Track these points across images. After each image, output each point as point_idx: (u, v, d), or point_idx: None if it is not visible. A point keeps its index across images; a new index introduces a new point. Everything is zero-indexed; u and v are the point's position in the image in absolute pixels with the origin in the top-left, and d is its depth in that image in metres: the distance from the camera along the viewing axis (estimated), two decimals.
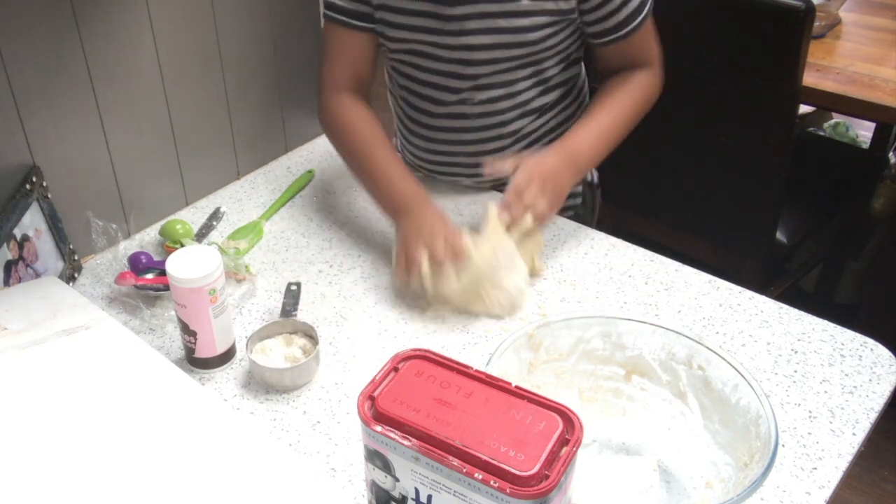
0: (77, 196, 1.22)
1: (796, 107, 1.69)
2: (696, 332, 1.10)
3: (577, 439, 0.64)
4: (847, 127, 2.55)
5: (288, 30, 1.45)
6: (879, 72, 1.86)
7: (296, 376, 1.02)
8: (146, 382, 0.94)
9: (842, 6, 2.16)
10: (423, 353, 0.71)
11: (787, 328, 1.11)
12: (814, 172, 2.04)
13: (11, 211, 1.10)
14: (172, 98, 1.30)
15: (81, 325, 1.00)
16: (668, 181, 1.90)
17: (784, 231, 1.89)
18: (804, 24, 1.52)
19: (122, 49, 1.21)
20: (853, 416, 0.98)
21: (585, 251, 1.27)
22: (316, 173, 1.48)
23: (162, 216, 1.36)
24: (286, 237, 1.32)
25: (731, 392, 0.87)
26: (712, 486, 0.86)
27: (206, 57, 1.33)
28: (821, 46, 1.98)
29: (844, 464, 0.92)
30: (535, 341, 0.93)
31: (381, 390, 0.68)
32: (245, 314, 1.15)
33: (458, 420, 0.65)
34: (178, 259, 0.99)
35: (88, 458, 0.83)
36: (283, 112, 1.51)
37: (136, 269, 1.18)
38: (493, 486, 0.60)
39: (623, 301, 1.17)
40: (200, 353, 1.03)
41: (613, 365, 0.96)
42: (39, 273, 1.15)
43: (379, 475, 0.68)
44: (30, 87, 1.11)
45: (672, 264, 1.24)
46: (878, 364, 1.05)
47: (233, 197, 1.43)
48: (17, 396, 0.90)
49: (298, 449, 0.95)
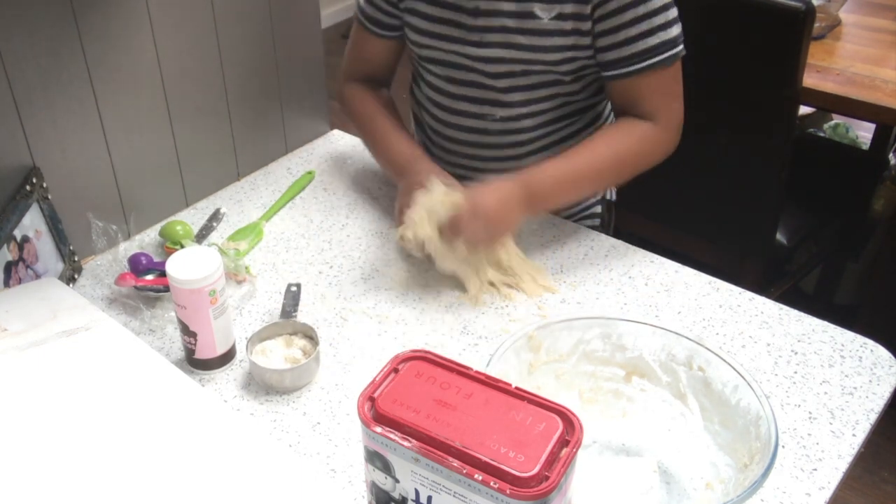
0: (77, 197, 1.22)
1: (796, 108, 1.69)
2: (696, 333, 1.10)
3: (577, 440, 0.64)
4: (847, 128, 2.55)
5: (288, 30, 1.45)
6: (879, 73, 1.86)
7: (296, 377, 1.02)
8: (146, 384, 0.94)
9: (842, 7, 2.16)
10: (423, 355, 0.71)
11: (787, 329, 1.11)
12: (814, 173, 2.04)
13: (11, 212, 1.10)
14: (172, 98, 1.30)
15: (81, 326, 1.00)
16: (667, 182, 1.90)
17: (784, 232, 1.89)
18: (804, 25, 1.52)
19: (122, 49, 1.21)
20: (853, 417, 0.98)
21: (585, 252, 1.27)
22: (316, 174, 1.48)
23: (162, 217, 1.36)
24: (286, 238, 1.32)
25: (732, 393, 0.87)
26: (712, 487, 0.86)
27: (206, 57, 1.33)
28: (821, 47, 1.98)
29: (844, 465, 0.92)
30: (535, 342, 0.93)
31: (381, 391, 0.68)
32: (245, 315, 1.15)
33: (458, 421, 0.65)
34: (179, 260, 0.99)
35: (89, 460, 0.83)
36: (283, 112, 1.51)
37: (137, 270, 1.17)
38: (493, 487, 0.60)
39: (623, 302, 1.17)
40: (200, 354, 1.03)
41: (613, 366, 0.96)
42: (39, 274, 1.15)
43: (379, 476, 0.68)
44: (30, 87, 1.11)
45: (672, 265, 1.24)
46: (878, 365, 1.05)
47: (233, 198, 1.43)
48: (17, 397, 0.90)
49: (298, 450, 0.95)
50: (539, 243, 1.29)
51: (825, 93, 1.80)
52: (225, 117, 1.41)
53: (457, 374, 0.69)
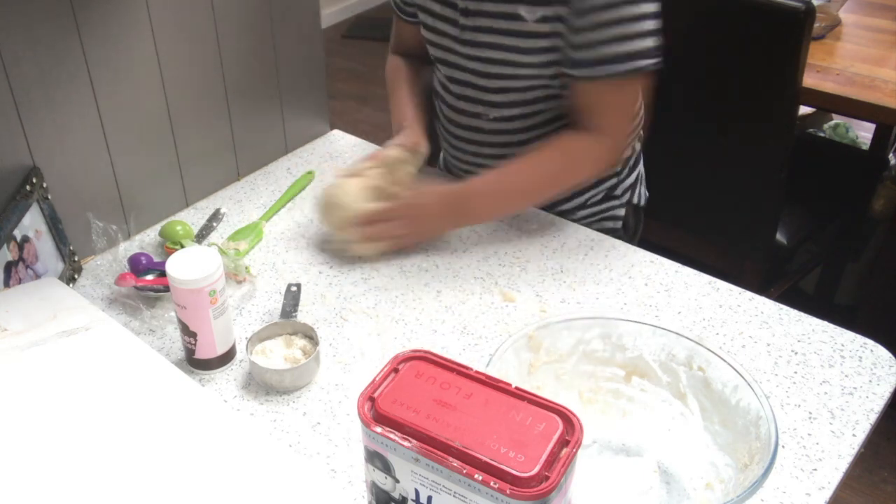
0: (77, 197, 1.22)
1: (796, 108, 1.69)
2: (696, 333, 1.10)
3: (577, 440, 0.64)
4: (847, 128, 2.55)
5: (288, 30, 1.45)
6: (879, 73, 1.86)
7: (296, 377, 1.02)
8: (146, 384, 0.94)
9: (842, 7, 2.16)
10: (423, 355, 0.71)
11: (787, 329, 1.11)
12: (814, 174, 2.04)
13: (11, 212, 1.10)
14: (172, 98, 1.30)
15: (81, 326, 1.00)
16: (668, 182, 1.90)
17: (784, 232, 1.89)
18: (804, 25, 1.52)
19: (122, 49, 1.21)
20: (853, 418, 0.98)
21: (585, 252, 1.27)
22: (316, 174, 1.48)
23: (162, 217, 1.36)
24: (286, 238, 1.32)
25: (731, 393, 0.87)
26: (712, 487, 0.86)
27: (206, 57, 1.33)
28: (821, 47, 1.98)
29: (844, 465, 0.92)
30: (535, 342, 0.93)
31: (381, 391, 0.68)
32: (245, 315, 1.15)
33: (458, 421, 0.65)
34: (179, 260, 0.99)
35: (89, 460, 0.83)
36: (283, 112, 1.51)
37: (137, 270, 1.18)
38: (494, 487, 0.60)
39: (623, 302, 1.17)
40: (200, 354, 1.03)
41: (613, 366, 0.96)
42: (39, 274, 1.15)
43: (379, 476, 0.68)
44: (30, 87, 1.11)
45: (672, 265, 1.24)
46: (878, 365, 1.05)
47: (233, 198, 1.43)
48: (17, 397, 0.90)
49: (298, 450, 0.95)
50: (539, 243, 1.29)
51: (825, 93, 1.80)
52: (225, 117, 1.41)
53: (457, 374, 0.69)
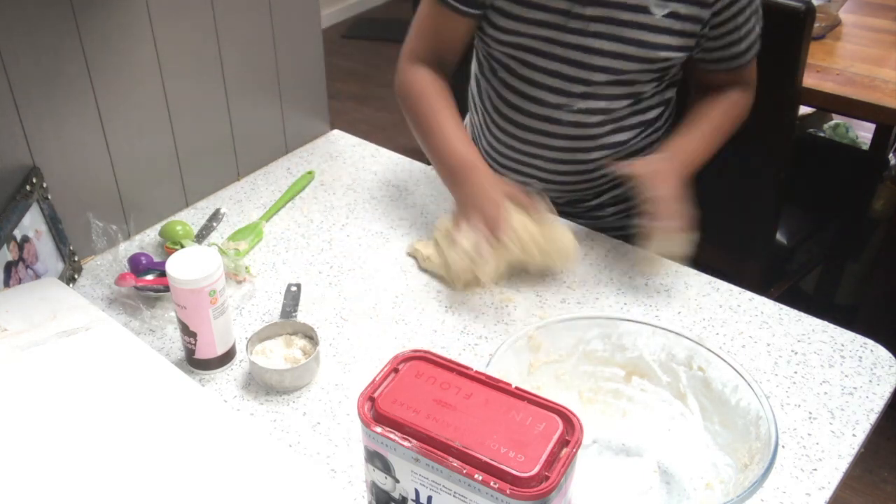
0: (77, 197, 1.22)
1: (796, 108, 1.69)
2: (696, 333, 1.10)
3: (576, 440, 0.64)
4: (847, 128, 2.55)
5: (288, 30, 1.45)
6: (879, 73, 1.86)
7: (296, 377, 1.02)
8: (146, 384, 0.94)
9: (842, 7, 2.16)
10: (423, 355, 0.71)
11: (787, 329, 1.11)
12: (814, 174, 2.04)
13: (11, 212, 1.10)
14: (172, 98, 1.30)
15: (81, 326, 1.00)
16: None
17: (784, 232, 1.89)
18: (804, 25, 1.51)
19: (122, 49, 1.21)
20: (853, 417, 0.98)
21: (585, 252, 1.27)
22: (316, 174, 1.48)
23: (162, 217, 1.36)
24: (286, 238, 1.32)
25: (731, 393, 0.87)
26: (712, 487, 0.86)
27: (206, 57, 1.33)
28: (821, 47, 1.97)
29: (844, 465, 0.92)
30: (534, 342, 0.93)
31: (381, 391, 0.68)
32: (245, 315, 1.15)
33: (458, 421, 0.65)
34: (179, 260, 0.99)
35: (89, 460, 0.83)
36: (283, 112, 1.51)
37: (137, 270, 1.18)
38: (493, 487, 0.60)
39: (623, 302, 1.17)
40: (200, 354, 1.03)
41: (613, 366, 0.96)
42: (39, 274, 1.15)
43: (379, 476, 0.68)
44: (30, 87, 1.11)
45: (672, 265, 1.24)
46: (878, 365, 1.05)
47: (233, 198, 1.43)
48: (17, 398, 0.90)
49: (298, 450, 0.95)
50: None
51: (825, 93, 1.80)
52: (225, 117, 1.41)
53: (457, 374, 0.69)
